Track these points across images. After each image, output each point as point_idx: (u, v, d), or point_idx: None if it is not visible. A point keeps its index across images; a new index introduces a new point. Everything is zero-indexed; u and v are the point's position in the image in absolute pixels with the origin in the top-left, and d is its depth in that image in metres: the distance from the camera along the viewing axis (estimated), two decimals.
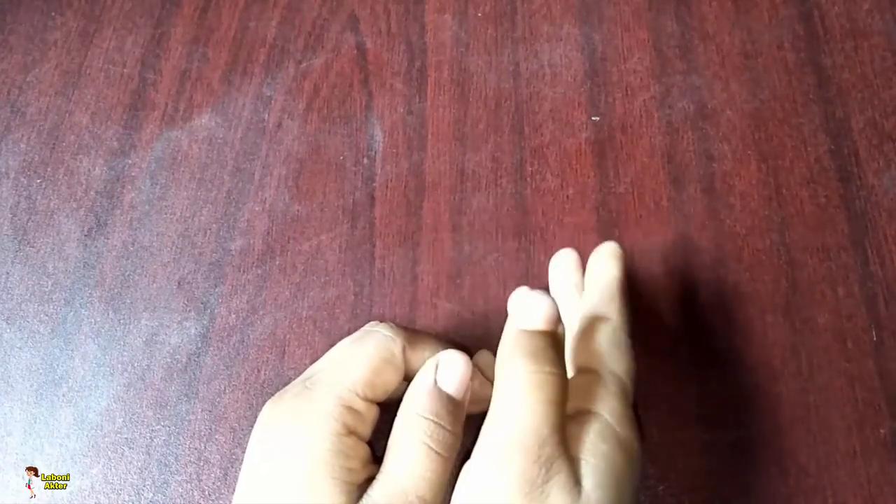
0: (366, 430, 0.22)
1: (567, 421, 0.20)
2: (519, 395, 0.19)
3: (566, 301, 0.26)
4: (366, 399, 0.21)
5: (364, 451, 0.21)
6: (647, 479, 0.27)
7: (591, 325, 0.23)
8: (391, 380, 0.22)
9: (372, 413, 0.22)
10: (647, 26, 0.35)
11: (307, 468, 0.20)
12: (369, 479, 0.20)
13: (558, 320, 0.20)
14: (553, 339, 0.20)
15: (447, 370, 0.21)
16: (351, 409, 0.21)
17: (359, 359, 0.22)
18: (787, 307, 0.29)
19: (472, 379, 0.21)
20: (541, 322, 0.20)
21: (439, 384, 0.21)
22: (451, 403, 0.21)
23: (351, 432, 0.21)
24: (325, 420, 0.20)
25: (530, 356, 0.19)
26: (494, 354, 0.27)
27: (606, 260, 0.26)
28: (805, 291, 0.29)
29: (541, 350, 0.19)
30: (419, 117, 0.35)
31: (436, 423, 0.20)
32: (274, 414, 0.22)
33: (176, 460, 0.29)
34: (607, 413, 0.20)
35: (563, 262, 0.28)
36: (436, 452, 0.20)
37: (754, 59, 0.34)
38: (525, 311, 0.20)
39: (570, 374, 0.22)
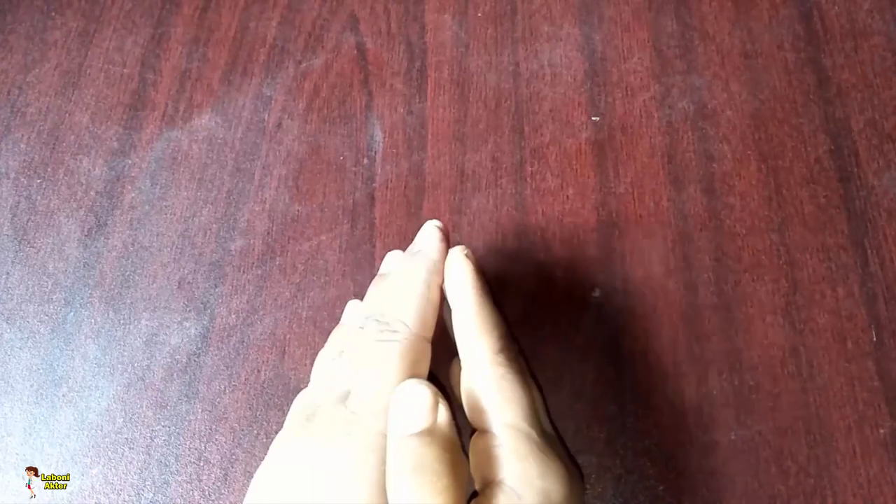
0: None
1: (475, 500, 0.19)
2: None
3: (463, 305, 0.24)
4: None
5: None
6: (647, 480, 0.27)
7: (465, 378, 0.22)
8: (425, 372, 0.22)
9: None
10: (647, 26, 0.35)
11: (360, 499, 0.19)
12: None
13: (436, 408, 0.19)
14: (434, 438, 0.18)
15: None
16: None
17: (393, 373, 0.21)
18: (787, 307, 0.29)
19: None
20: (420, 420, 0.19)
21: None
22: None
23: None
24: (372, 454, 0.19)
25: (415, 471, 0.18)
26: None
27: (452, 279, 0.23)
28: (805, 291, 0.29)
29: (424, 459, 0.18)
30: (419, 117, 0.35)
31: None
32: (309, 441, 0.20)
33: (176, 460, 0.29)
34: (508, 477, 0.19)
35: (454, 269, 0.24)
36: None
37: (754, 59, 0.34)
38: (401, 413, 0.19)
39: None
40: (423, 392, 0.19)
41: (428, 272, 0.23)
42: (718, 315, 0.29)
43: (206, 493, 0.29)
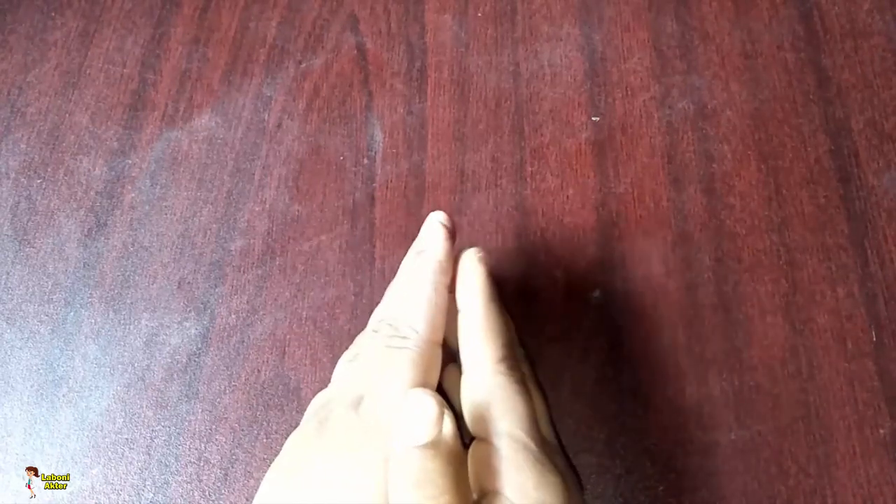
0: None
1: None
2: None
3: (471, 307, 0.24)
4: None
5: None
6: (647, 480, 0.27)
7: (465, 385, 0.22)
8: (436, 378, 0.22)
9: None
10: (647, 26, 0.35)
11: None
12: None
13: (440, 420, 0.19)
14: (438, 452, 0.18)
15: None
16: None
17: (405, 382, 0.21)
18: (787, 307, 0.29)
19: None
20: (425, 432, 0.18)
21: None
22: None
23: None
24: (384, 464, 0.19)
25: (417, 485, 0.18)
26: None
27: (462, 288, 0.23)
28: (805, 291, 0.29)
29: (426, 473, 0.18)
30: (419, 117, 0.35)
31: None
32: (320, 447, 0.20)
33: (176, 460, 0.29)
34: (504, 487, 0.19)
35: (465, 272, 0.24)
36: None
37: (754, 59, 0.34)
38: (405, 424, 0.19)
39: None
40: (428, 403, 0.19)
41: (434, 274, 0.23)
42: (718, 315, 0.29)
43: (207, 493, 0.29)
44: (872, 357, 0.28)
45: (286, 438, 0.21)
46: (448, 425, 0.19)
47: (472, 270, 0.23)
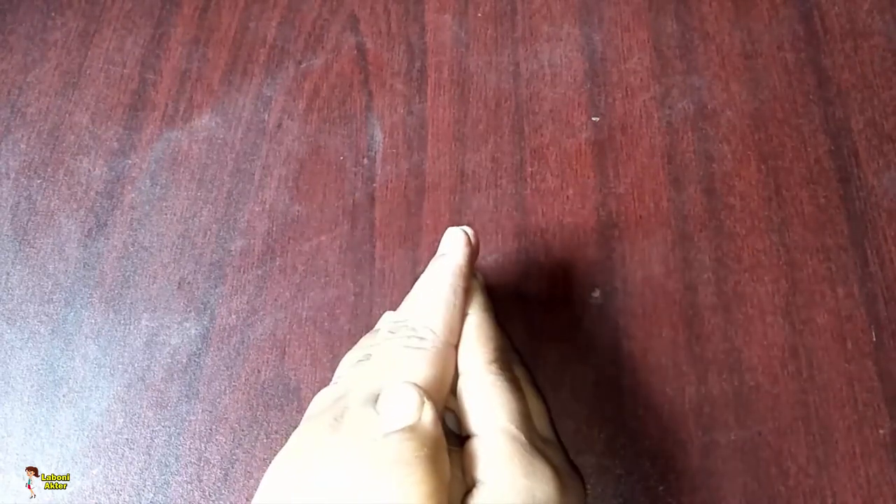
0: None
1: (467, 498, 0.19)
2: None
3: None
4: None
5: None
6: (647, 480, 0.27)
7: (461, 385, 0.22)
8: (450, 378, 0.22)
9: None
10: (647, 26, 0.35)
11: None
12: None
13: (418, 408, 0.20)
14: (412, 434, 0.19)
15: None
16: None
17: (420, 380, 0.21)
18: (787, 307, 0.29)
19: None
20: (404, 418, 0.19)
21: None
22: None
23: None
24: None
25: (389, 464, 0.18)
26: None
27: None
28: (805, 292, 0.29)
29: (397, 453, 0.18)
30: (419, 118, 0.35)
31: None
32: (339, 442, 0.20)
33: (176, 461, 0.29)
34: (491, 479, 0.20)
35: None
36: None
37: (754, 59, 0.34)
38: (387, 410, 0.20)
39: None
40: (409, 391, 0.20)
41: (454, 277, 0.23)
42: (718, 315, 0.29)
43: (207, 493, 0.29)
44: (872, 357, 0.28)
45: (286, 438, 0.21)
46: (428, 412, 0.20)
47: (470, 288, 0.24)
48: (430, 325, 0.22)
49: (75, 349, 0.32)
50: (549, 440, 0.23)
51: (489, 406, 0.21)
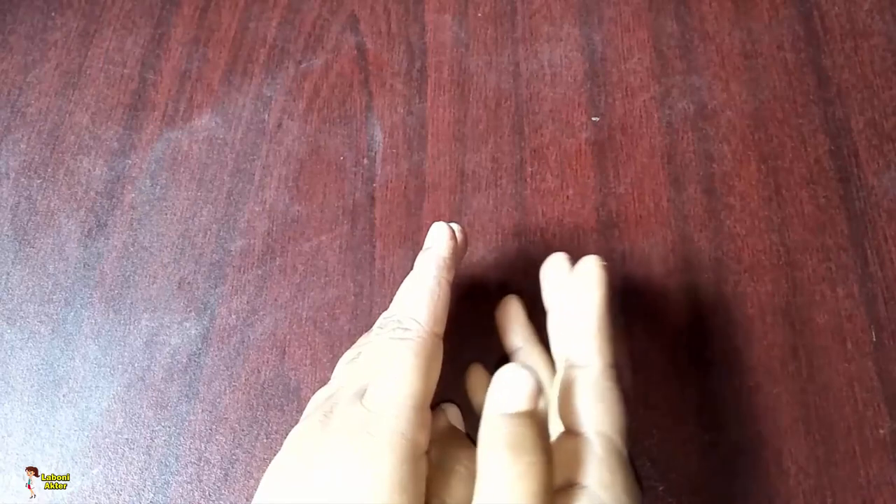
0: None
1: (555, 497, 0.19)
2: (503, 490, 0.18)
3: (558, 319, 0.25)
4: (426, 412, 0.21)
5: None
6: (647, 480, 0.27)
7: (569, 378, 0.22)
8: (438, 369, 0.22)
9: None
10: (647, 26, 0.35)
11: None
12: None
13: (538, 395, 0.19)
14: (534, 421, 0.19)
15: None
16: (422, 428, 0.20)
17: (407, 370, 0.21)
18: (787, 307, 0.29)
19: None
20: (521, 402, 0.19)
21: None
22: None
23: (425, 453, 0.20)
24: (391, 453, 0.19)
25: (511, 448, 0.18)
26: (487, 368, 0.27)
27: (583, 284, 0.24)
28: (805, 292, 0.29)
29: (521, 438, 0.18)
30: (419, 118, 0.35)
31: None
32: (327, 438, 0.20)
33: (176, 461, 0.29)
34: (595, 484, 0.20)
35: (552, 271, 0.26)
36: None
37: (754, 59, 0.34)
38: (503, 390, 0.19)
39: (558, 430, 0.22)
40: (528, 377, 0.19)
41: (438, 268, 0.23)
42: (718, 315, 0.29)
43: (207, 493, 0.29)
44: (872, 357, 0.28)
45: (286, 438, 0.21)
46: (543, 403, 0.19)
47: (596, 274, 0.23)
48: (415, 315, 0.22)
49: (75, 349, 0.32)
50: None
51: (600, 410, 0.21)
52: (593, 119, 0.34)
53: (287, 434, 0.21)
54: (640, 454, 0.27)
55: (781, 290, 0.29)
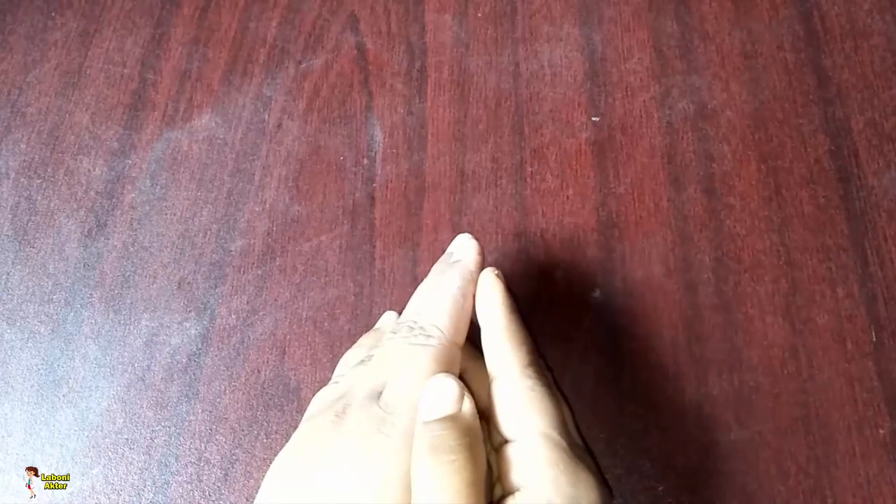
0: None
1: (504, 501, 0.20)
2: (429, 490, 0.18)
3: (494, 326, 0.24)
4: None
5: None
6: (647, 480, 0.27)
7: (496, 389, 0.22)
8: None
9: None
10: (647, 26, 0.35)
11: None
12: None
13: (459, 399, 0.20)
14: (455, 423, 0.19)
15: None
16: None
17: (427, 375, 0.21)
18: (787, 307, 0.29)
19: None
20: (441, 408, 0.20)
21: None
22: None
23: None
24: (407, 452, 0.20)
25: (431, 450, 0.19)
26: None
27: (482, 299, 0.24)
28: (805, 292, 0.29)
29: (440, 440, 0.19)
30: (419, 118, 0.35)
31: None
32: (342, 437, 0.20)
33: (176, 461, 0.29)
34: (540, 484, 0.20)
35: (486, 287, 0.25)
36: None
37: (754, 59, 0.34)
38: (424, 401, 0.20)
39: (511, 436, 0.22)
40: (450, 384, 0.20)
41: (464, 280, 0.24)
42: (718, 315, 0.29)
43: (207, 493, 0.29)
44: (872, 357, 0.28)
45: (286, 438, 0.21)
46: (467, 404, 0.20)
47: (493, 285, 0.24)
48: (438, 323, 0.22)
49: (75, 349, 0.32)
50: (579, 445, 0.23)
51: (529, 411, 0.21)
52: (593, 119, 0.34)
53: (288, 434, 0.21)
54: (640, 454, 0.27)
55: (781, 290, 0.29)
